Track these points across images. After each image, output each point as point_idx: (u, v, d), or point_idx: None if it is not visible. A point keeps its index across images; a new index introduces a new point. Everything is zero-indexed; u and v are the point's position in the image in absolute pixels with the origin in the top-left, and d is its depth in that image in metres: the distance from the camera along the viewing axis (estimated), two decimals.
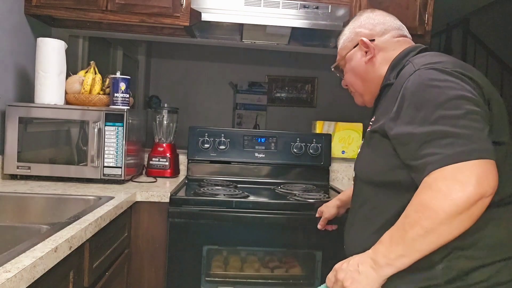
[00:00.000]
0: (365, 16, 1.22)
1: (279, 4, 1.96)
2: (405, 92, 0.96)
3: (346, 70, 1.25)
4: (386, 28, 1.19)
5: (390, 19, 1.21)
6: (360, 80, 1.21)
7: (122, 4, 1.99)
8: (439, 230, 0.84)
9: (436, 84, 0.92)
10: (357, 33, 1.20)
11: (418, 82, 0.95)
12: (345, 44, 1.24)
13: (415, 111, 0.93)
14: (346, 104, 4.14)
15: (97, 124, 1.79)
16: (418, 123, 0.91)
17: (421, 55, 1.07)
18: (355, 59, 1.20)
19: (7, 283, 0.75)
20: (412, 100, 0.94)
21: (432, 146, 0.87)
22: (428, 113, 0.90)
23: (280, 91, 5.56)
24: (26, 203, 1.51)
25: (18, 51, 1.94)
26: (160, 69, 5.34)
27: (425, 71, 0.96)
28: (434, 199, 0.84)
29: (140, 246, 1.71)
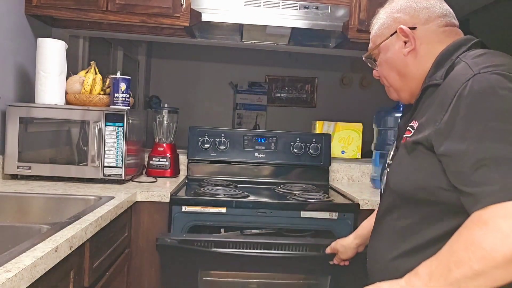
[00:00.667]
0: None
1: (279, 5, 1.96)
2: (460, 100, 0.80)
3: (380, 61, 1.07)
4: (430, 14, 0.99)
5: (435, 3, 1.01)
6: (397, 74, 1.03)
7: (122, 4, 1.99)
8: (492, 275, 0.70)
9: (502, 94, 0.76)
10: (395, 19, 1.01)
11: (478, 89, 0.79)
12: (380, 31, 1.06)
13: (473, 125, 0.77)
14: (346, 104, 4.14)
15: (97, 124, 1.79)
16: (475, 139, 0.76)
17: (476, 53, 0.90)
18: (392, 50, 1.02)
19: (7, 283, 0.75)
20: (469, 112, 0.78)
21: (491, 171, 0.73)
22: (489, 129, 0.75)
23: (280, 91, 5.57)
24: (27, 203, 1.51)
25: (18, 51, 1.95)
26: (160, 69, 5.34)
27: (487, 76, 0.79)
28: (490, 238, 0.70)
29: (141, 246, 1.71)
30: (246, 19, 1.97)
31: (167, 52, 5.20)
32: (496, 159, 0.73)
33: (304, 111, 5.40)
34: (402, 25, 0.99)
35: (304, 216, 1.70)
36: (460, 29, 1.07)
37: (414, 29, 0.99)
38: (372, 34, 1.09)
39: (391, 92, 1.10)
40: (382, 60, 1.06)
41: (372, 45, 1.09)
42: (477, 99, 0.78)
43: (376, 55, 1.09)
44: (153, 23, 2.06)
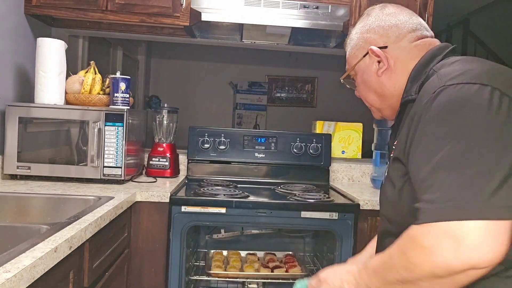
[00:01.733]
0: (374, 17, 1.01)
1: (279, 4, 1.96)
2: (424, 114, 0.79)
3: (358, 82, 1.06)
4: (400, 31, 0.98)
5: (405, 18, 1.00)
6: (374, 94, 1.03)
7: (122, 4, 1.99)
8: (419, 284, 0.74)
9: (462, 112, 0.74)
10: (366, 39, 1.01)
11: (439, 104, 0.77)
12: (353, 52, 1.05)
13: (429, 142, 0.77)
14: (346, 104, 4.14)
15: (97, 124, 1.78)
16: (427, 158, 0.75)
17: (449, 61, 0.88)
18: (367, 71, 1.01)
19: (7, 283, 0.75)
20: (429, 126, 0.78)
21: (432, 190, 0.73)
22: (439, 147, 0.74)
23: (280, 91, 5.57)
24: (26, 203, 1.51)
25: (18, 51, 1.94)
26: (160, 69, 5.34)
27: (452, 89, 0.77)
28: (415, 253, 0.73)
29: (140, 246, 1.71)
30: (246, 18, 1.97)
31: (167, 52, 5.20)
32: (438, 180, 0.73)
33: (304, 111, 5.40)
34: (372, 45, 0.98)
35: (304, 216, 1.70)
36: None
37: (385, 48, 0.98)
38: (347, 56, 1.08)
39: (374, 112, 1.09)
40: (359, 81, 1.06)
41: (348, 67, 1.08)
42: (439, 113, 0.77)
43: (354, 76, 1.07)
44: (152, 22, 2.06)
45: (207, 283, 2.04)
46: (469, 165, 0.71)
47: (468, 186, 0.70)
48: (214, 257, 2.04)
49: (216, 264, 1.93)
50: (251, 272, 1.89)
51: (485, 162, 0.70)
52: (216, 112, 5.38)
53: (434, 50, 0.95)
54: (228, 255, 2.10)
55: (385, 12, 1.01)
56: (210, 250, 2.15)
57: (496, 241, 0.68)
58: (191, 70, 5.34)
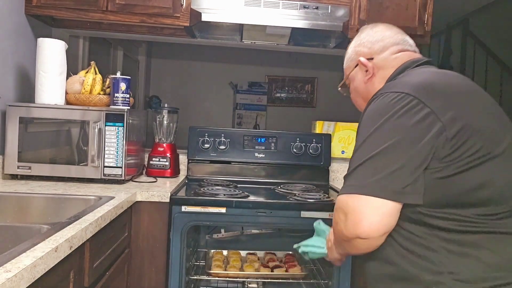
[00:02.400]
0: (365, 34, 1.19)
1: (279, 5, 1.96)
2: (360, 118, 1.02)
3: (351, 89, 1.25)
4: (384, 45, 1.15)
5: (390, 34, 1.17)
6: (362, 99, 1.20)
7: (122, 4, 1.99)
8: (342, 245, 1.01)
9: (379, 118, 0.93)
10: (357, 52, 1.19)
11: (366, 112, 0.99)
12: (347, 64, 1.24)
13: (357, 139, 0.98)
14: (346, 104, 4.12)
15: (97, 124, 1.79)
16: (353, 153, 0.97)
17: (410, 73, 1.05)
18: (357, 79, 1.20)
19: (7, 283, 0.75)
20: (358, 131, 0.99)
21: (347, 174, 0.95)
22: (356, 145, 0.96)
23: (280, 91, 5.57)
24: (27, 203, 1.51)
25: (18, 51, 1.95)
26: (160, 69, 5.35)
27: (378, 99, 0.97)
28: (333, 220, 0.99)
29: (141, 246, 1.71)
30: (246, 19, 1.97)
31: (167, 52, 5.20)
32: (351, 168, 0.94)
33: (304, 111, 5.40)
34: (361, 57, 1.16)
35: (304, 216, 1.70)
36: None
37: (371, 59, 1.15)
38: (344, 67, 1.26)
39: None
40: (351, 88, 1.25)
41: (344, 76, 1.27)
42: (364, 118, 0.99)
43: (349, 84, 1.26)
44: (153, 23, 2.06)
45: (207, 283, 2.04)
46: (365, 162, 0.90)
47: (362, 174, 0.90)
48: (214, 256, 2.05)
49: (216, 263, 1.94)
50: (251, 271, 1.90)
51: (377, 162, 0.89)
52: (216, 112, 5.38)
53: (408, 62, 1.11)
54: (228, 255, 2.10)
55: (374, 30, 1.20)
56: (210, 250, 2.16)
57: (374, 215, 0.87)
58: (191, 70, 5.35)
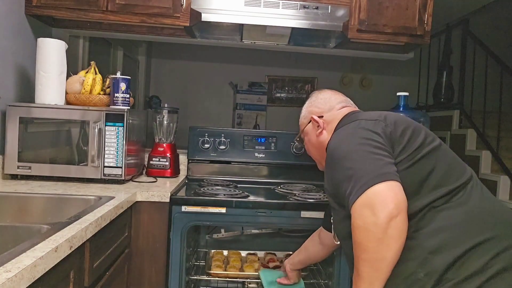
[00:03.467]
0: (314, 97, 1.46)
1: (279, 5, 1.96)
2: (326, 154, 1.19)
3: (305, 141, 1.48)
4: (331, 104, 1.40)
5: (335, 97, 1.43)
6: (315, 150, 1.43)
7: (122, 4, 1.99)
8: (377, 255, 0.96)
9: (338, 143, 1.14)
10: (310, 111, 1.43)
11: (329, 144, 1.19)
12: (302, 121, 1.48)
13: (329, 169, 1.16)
14: None
15: (97, 124, 1.79)
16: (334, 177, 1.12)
17: (347, 120, 1.27)
18: (310, 133, 1.43)
19: (7, 283, 0.75)
20: (328, 160, 1.17)
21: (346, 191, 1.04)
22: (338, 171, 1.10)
23: (280, 91, 5.57)
24: (27, 203, 1.51)
25: (18, 52, 1.95)
26: (160, 69, 5.35)
27: (334, 135, 1.22)
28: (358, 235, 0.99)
29: (141, 246, 1.71)
30: (246, 19, 1.97)
31: (167, 52, 5.20)
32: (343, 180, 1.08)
33: None
34: (313, 115, 1.40)
35: (304, 216, 1.70)
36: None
37: (321, 116, 1.38)
38: (299, 123, 1.50)
39: (318, 163, 1.49)
40: (306, 141, 1.47)
41: (300, 131, 1.50)
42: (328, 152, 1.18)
43: (304, 137, 1.48)
44: (153, 23, 2.06)
45: (207, 283, 2.04)
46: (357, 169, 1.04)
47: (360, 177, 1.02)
48: (214, 256, 2.05)
49: (216, 264, 1.94)
50: (251, 272, 1.90)
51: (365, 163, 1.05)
52: (216, 112, 5.38)
53: (349, 113, 1.33)
54: (228, 255, 2.10)
55: (322, 93, 1.46)
56: (210, 249, 2.16)
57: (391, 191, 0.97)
58: (191, 70, 5.35)
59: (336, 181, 1.10)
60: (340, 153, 1.11)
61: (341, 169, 1.08)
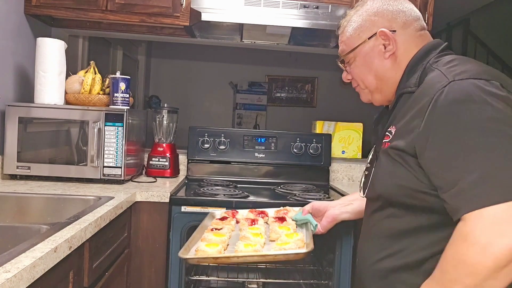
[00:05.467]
0: (380, 1, 1.02)
1: (279, 4, 1.96)
2: (437, 106, 0.82)
3: (357, 63, 1.05)
4: (407, 18, 1.00)
5: (409, 6, 1.02)
6: (374, 76, 1.03)
7: (122, 4, 1.99)
8: (485, 286, 0.72)
9: (476, 103, 0.79)
10: (373, 22, 1.01)
11: (453, 97, 0.81)
12: (356, 33, 1.04)
13: (451, 132, 0.80)
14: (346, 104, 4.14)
15: (97, 124, 1.78)
16: (454, 148, 0.79)
17: (447, 59, 0.92)
18: (372, 53, 1.02)
19: (6, 283, 0.75)
20: (446, 119, 0.81)
21: (467, 181, 0.75)
22: (466, 138, 0.78)
23: (280, 91, 5.57)
24: (26, 203, 1.51)
25: (18, 51, 1.94)
26: (160, 69, 5.34)
27: (461, 83, 0.82)
28: (472, 253, 0.72)
29: (140, 246, 1.71)
30: (246, 18, 1.96)
31: (167, 52, 5.20)
32: (472, 169, 0.76)
33: (304, 111, 5.40)
34: (382, 28, 0.99)
35: None
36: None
37: (393, 32, 0.99)
38: (346, 36, 1.07)
39: (365, 94, 1.10)
40: (359, 62, 1.05)
41: (345, 48, 1.07)
42: (454, 107, 0.81)
43: (352, 58, 1.07)
44: (152, 22, 2.05)
45: (207, 283, 2.04)
46: (495, 150, 0.75)
47: (503, 167, 0.73)
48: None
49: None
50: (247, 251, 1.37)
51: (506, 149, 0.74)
52: (216, 112, 5.38)
53: (430, 44, 0.99)
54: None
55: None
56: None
57: None
58: (191, 70, 5.34)
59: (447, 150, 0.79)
60: (474, 119, 0.78)
61: (470, 142, 0.77)
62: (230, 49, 4.33)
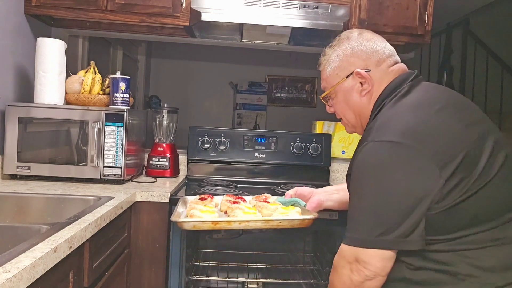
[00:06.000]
0: (355, 42, 1.12)
1: (279, 4, 1.96)
2: (355, 162, 1.02)
3: (338, 99, 1.16)
4: (380, 56, 1.10)
5: (382, 44, 1.12)
6: (353, 113, 1.15)
7: (122, 4, 1.99)
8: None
9: (370, 170, 0.97)
10: (350, 62, 1.11)
11: (362, 159, 0.99)
12: (335, 73, 1.14)
13: (353, 189, 1.03)
14: None
15: (97, 124, 1.78)
16: (351, 199, 1.02)
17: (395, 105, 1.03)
18: (350, 90, 1.12)
19: (7, 283, 0.75)
20: (355, 175, 1.01)
21: (350, 225, 1.00)
22: (354, 197, 1.01)
23: (280, 91, 5.56)
24: (26, 203, 1.51)
25: (18, 51, 1.94)
26: (160, 69, 5.34)
27: (372, 148, 0.97)
28: (335, 280, 1.03)
29: (140, 246, 1.71)
30: (246, 18, 1.96)
31: (167, 52, 5.19)
32: (350, 217, 1.00)
33: (304, 111, 5.40)
34: (358, 68, 1.09)
35: None
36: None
37: (368, 71, 1.09)
38: (326, 75, 1.17)
39: (348, 128, 1.22)
40: (339, 99, 1.16)
41: (326, 85, 1.18)
42: (360, 167, 1.00)
43: (332, 94, 1.17)
44: (152, 22, 2.06)
45: (207, 283, 2.04)
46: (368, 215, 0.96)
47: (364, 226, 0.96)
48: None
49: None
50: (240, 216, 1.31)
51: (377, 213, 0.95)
52: (216, 112, 5.38)
53: (398, 80, 1.08)
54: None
55: (364, 37, 1.12)
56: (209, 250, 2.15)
57: (385, 263, 0.94)
58: (191, 70, 5.34)
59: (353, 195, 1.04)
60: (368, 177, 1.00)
61: (361, 196, 1.00)
62: (230, 49, 4.32)
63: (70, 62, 1.99)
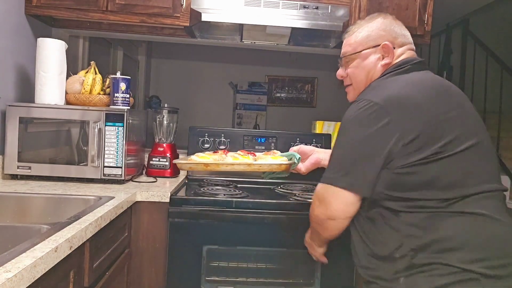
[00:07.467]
0: (389, 21, 1.27)
1: (279, 5, 1.96)
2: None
3: (355, 64, 1.28)
4: (405, 41, 1.26)
5: (407, 33, 1.29)
6: (365, 77, 1.27)
7: (122, 4, 1.99)
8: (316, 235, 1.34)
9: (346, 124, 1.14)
10: (381, 36, 1.25)
11: (344, 115, 1.16)
12: (364, 41, 1.26)
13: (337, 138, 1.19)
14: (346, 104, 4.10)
15: (97, 124, 1.79)
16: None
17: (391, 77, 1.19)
18: (371, 59, 1.25)
19: (7, 283, 0.75)
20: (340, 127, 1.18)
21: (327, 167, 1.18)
22: (335, 142, 1.17)
23: (280, 91, 5.56)
24: (27, 203, 1.51)
25: (18, 51, 1.95)
26: (160, 69, 5.34)
27: (355, 105, 1.13)
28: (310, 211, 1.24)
29: (140, 246, 1.71)
30: (246, 19, 1.97)
31: (167, 52, 5.20)
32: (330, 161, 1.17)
33: (304, 111, 5.40)
34: (387, 41, 1.23)
35: None
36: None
37: (394, 48, 1.24)
38: (354, 40, 1.29)
39: (351, 94, 1.33)
40: (357, 64, 1.28)
41: (350, 50, 1.29)
42: (342, 121, 1.16)
43: (352, 59, 1.29)
44: (153, 23, 2.06)
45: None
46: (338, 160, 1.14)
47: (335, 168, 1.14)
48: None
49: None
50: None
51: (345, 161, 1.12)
52: (216, 112, 5.38)
53: (405, 60, 1.23)
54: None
55: (397, 22, 1.28)
56: None
57: (346, 207, 1.11)
58: (191, 70, 5.34)
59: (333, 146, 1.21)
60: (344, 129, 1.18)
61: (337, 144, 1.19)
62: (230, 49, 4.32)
63: (70, 62, 1.99)
